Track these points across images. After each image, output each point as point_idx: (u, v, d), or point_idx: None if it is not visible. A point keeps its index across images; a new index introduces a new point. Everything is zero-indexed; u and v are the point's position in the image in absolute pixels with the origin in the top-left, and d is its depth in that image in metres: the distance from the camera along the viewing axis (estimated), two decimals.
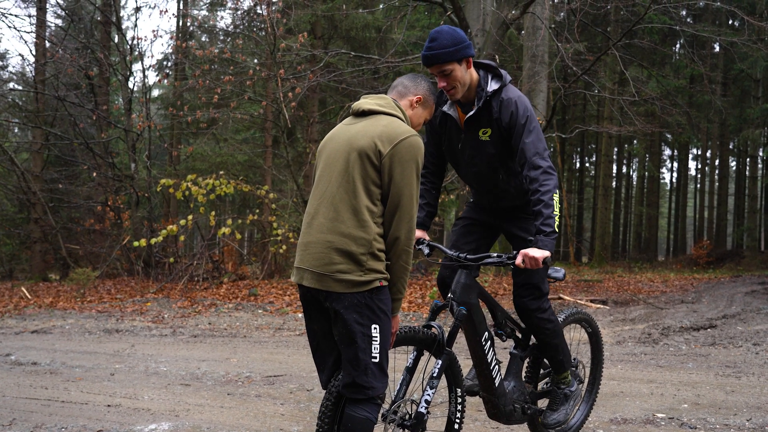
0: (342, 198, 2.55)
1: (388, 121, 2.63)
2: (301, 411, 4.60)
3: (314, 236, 2.57)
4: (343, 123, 2.75)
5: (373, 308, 2.53)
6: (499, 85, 3.13)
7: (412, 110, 2.82)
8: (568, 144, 27.98)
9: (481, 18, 12.62)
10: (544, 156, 3.02)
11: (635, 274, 18.68)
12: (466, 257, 3.07)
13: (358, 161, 2.55)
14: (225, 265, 14.87)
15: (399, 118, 2.69)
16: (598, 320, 9.24)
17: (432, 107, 2.89)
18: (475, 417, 4.32)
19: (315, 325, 2.69)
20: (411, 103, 2.81)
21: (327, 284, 2.52)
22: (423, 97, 2.83)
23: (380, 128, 2.59)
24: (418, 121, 2.85)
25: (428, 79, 2.88)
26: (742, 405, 4.67)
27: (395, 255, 2.58)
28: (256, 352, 7.09)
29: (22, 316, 10.28)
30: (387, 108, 2.69)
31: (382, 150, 2.53)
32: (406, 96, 2.82)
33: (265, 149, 18.03)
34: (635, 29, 12.84)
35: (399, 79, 2.88)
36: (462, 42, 2.99)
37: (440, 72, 3.03)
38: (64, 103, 16.84)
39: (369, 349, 2.52)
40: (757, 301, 10.85)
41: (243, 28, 19.55)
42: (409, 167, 2.55)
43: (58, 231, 17.12)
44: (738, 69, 22.39)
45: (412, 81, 2.84)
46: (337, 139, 2.67)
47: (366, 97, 2.77)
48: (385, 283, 2.57)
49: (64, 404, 4.82)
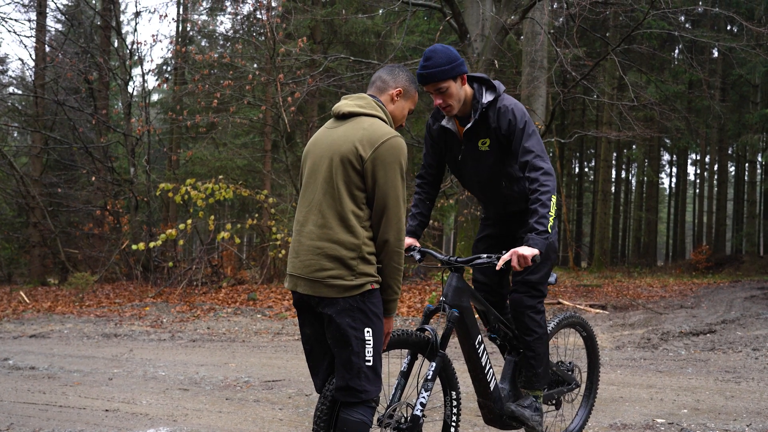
0: (328, 204, 2.55)
1: (369, 123, 2.60)
2: (299, 416, 4.59)
3: (305, 244, 2.58)
4: (325, 126, 2.72)
5: (366, 311, 2.53)
6: (494, 96, 3.18)
7: (393, 104, 2.77)
8: (567, 149, 28.00)
9: (480, 23, 12.64)
10: (543, 158, 3.07)
11: (634, 279, 18.68)
12: (457, 260, 3.10)
13: (341, 167, 2.54)
14: (224, 269, 14.85)
15: (380, 117, 2.65)
16: (598, 325, 9.22)
17: (414, 96, 2.84)
18: (474, 422, 4.31)
19: (308, 329, 2.69)
20: (391, 97, 2.76)
21: (319, 290, 2.52)
22: (403, 89, 2.78)
23: (361, 132, 2.57)
24: (402, 113, 2.81)
25: (406, 69, 2.84)
26: (741, 410, 4.66)
27: (386, 257, 2.57)
28: (254, 356, 7.07)
29: (21, 320, 10.26)
30: (367, 109, 2.65)
31: (363, 154, 2.52)
32: (385, 91, 2.77)
33: (265, 154, 18.03)
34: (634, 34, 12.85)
35: (377, 73, 2.84)
36: (456, 59, 3.05)
37: (436, 90, 3.08)
38: (63, 108, 16.84)
39: (362, 352, 2.52)
40: (757, 306, 10.84)
41: (243, 32, 19.57)
42: (392, 169, 2.53)
43: (57, 235, 17.10)
44: (736, 74, 22.42)
45: (390, 74, 2.79)
46: (320, 145, 2.66)
47: (346, 98, 2.73)
48: (377, 286, 2.57)
49: (61, 409, 4.80)
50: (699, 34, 15.27)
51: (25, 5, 18.76)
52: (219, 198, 12.64)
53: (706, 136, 28.19)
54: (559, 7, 13.97)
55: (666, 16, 13.01)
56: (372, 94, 2.76)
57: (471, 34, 11.69)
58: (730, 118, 23.98)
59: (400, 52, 13.03)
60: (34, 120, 18.39)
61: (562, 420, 4.02)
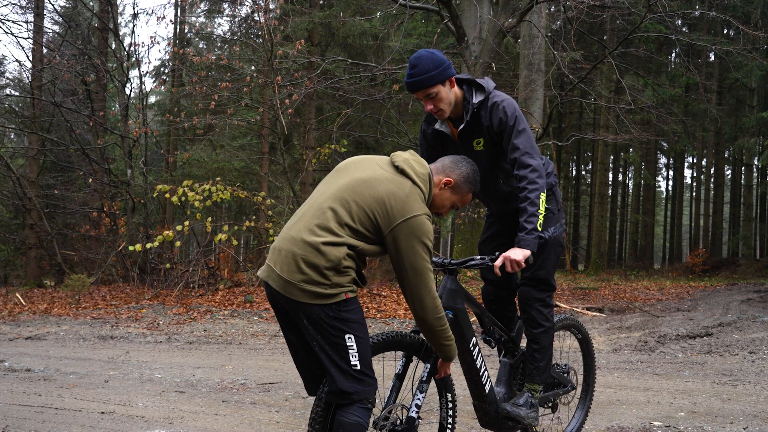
0: (330, 216, 2.53)
1: (410, 190, 2.59)
2: (296, 418, 4.58)
3: (289, 239, 2.55)
4: (376, 161, 2.71)
5: (343, 320, 2.50)
6: (484, 96, 3.18)
7: (438, 190, 2.79)
8: (564, 152, 28.06)
9: (477, 26, 12.66)
10: (533, 155, 3.07)
11: (631, 282, 18.69)
12: (451, 262, 3.11)
13: (358, 203, 2.53)
14: (221, 271, 14.83)
15: (421, 190, 2.64)
16: (595, 328, 9.23)
17: (465, 197, 2.86)
18: (471, 425, 4.31)
19: (292, 336, 2.68)
20: (440, 182, 2.79)
21: (291, 292, 2.49)
22: (455, 181, 2.80)
23: (398, 192, 2.56)
24: (442, 203, 2.82)
25: (472, 165, 2.86)
26: (738, 413, 4.67)
27: (429, 335, 2.71)
28: (251, 359, 7.06)
29: (17, 322, 10.23)
30: (415, 177, 2.65)
31: (389, 216, 2.52)
32: (440, 174, 2.80)
33: (262, 156, 18.03)
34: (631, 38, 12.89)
35: (446, 156, 2.89)
36: (442, 63, 3.04)
37: (426, 96, 3.07)
38: (60, 109, 16.82)
39: (347, 357, 2.51)
40: (753, 309, 10.86)
41: (240, 35, 19.59)
42: (412, 245, 2.53)
43: (53, 237, 17.07)
44: (733, 78, 22.52)
45: (453, 163, 2.84)
46: (362, 167, 2.66)
47: (410, 154, 2.74)
48: (352, 295, 2.54)
49: (57, 411, 4.79)
50: (696, 37, 15.33)
51: (22, 7, 18.77)
52: (216, 200, 12.62)
53: (702, 139, 28.27)
54: (557, 10, 14.00)
55: (663, 20, 13.06)
56: (432, 169, 2.79)
57: (468, 37, 11.71)
58: (726, 121, 24.08)
59: (397, 54, 13.05)
60: (30, 122, 18.36)
61: (559, 423, 4.02)
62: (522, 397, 3.42)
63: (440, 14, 11.62)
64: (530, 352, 3.45)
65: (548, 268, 3.39)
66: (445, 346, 2.73)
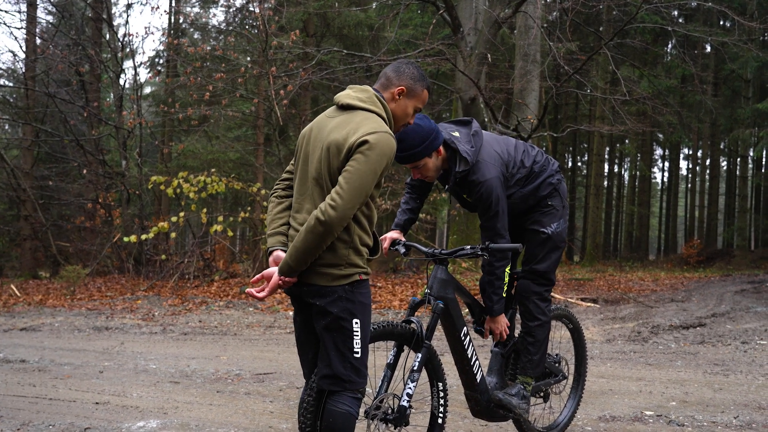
0: (320, 194, 2.52)
1: (363, 117, 2.54)
2: (290, 408, 4.60)
3: (298, 230, 2.54)
4: (325, 114, 2.68)
5: (354, 301, 2.52)
6: (466, 169, 3.22)
7: (394, 103, 2.69)
8: (559, 143, 28.04)
9: (473, 17, 12.62)
10: (502, 237, 3.26)
11: (626, 273, 18.75)
12: (441, 252, 3.15)
13: (327, 157, 2.50)
14: (216, 262, 14.82)
15: (378, 113, 2.59)
16: (589, 319, 9.27)
17: (421, 95, 2.73)
18: (464, 415, 4.33)
19: (299, 317, 2.70)
20: (393, 95, 2.69)
21: (309, 278, 2.51)
22: (406, 87, 2.69)
23: (353, 125, 2.51)
24: (404, 112, 2.72)
25: (414, 66, 2.76)
26: (729, 402, 4.70)
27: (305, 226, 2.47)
28: (246, 349, 7.08)
29: (11, 313, 10.22)
30: (366, 103, 2.59)
31: (351, 145, 2.45)
32: (388, 88, 2.70)
33: (257, 147, 17.98)
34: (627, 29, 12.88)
35: (385, 69, 2.78)
36: (428, 137, 3.09)
37: (414, 166, 3.20)
38: (54, 100, 16.73)
39: (350, 343, 2.52)
40: (747, 300, 10.91)
41: (235, 25, 19.50)
42: (368, 160, 2.43)
43: (48, 228, 17.03)
44: (729, 69, 22.49)
45: (395, 71, 2.72)
46: (316, 133, 2.62)
47: (350, 89, 2.68)
48: (365, 276, 2.56)
49: (51, 401, 4.80)
50: (692, 28, 15.29)
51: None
52: (211, 191, 12.60)
53: (698, 130, 28.28)
54: (552, 1, 13.96)
55: (659, 11, 13.04)
56: (376, 89, 2.70)
57: (464, 28, 11.67)
58: (722, 113, 24.06)
59: (393, 45, 12.99)
60: (24, 112, 18.27)
61: (551, 412, 4.05)
62: (515, 387, 3.45)
63: (436, 5, 11.56)
64: (525, 345, 3.48)
65: (549, 262, 3.48)
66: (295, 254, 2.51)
